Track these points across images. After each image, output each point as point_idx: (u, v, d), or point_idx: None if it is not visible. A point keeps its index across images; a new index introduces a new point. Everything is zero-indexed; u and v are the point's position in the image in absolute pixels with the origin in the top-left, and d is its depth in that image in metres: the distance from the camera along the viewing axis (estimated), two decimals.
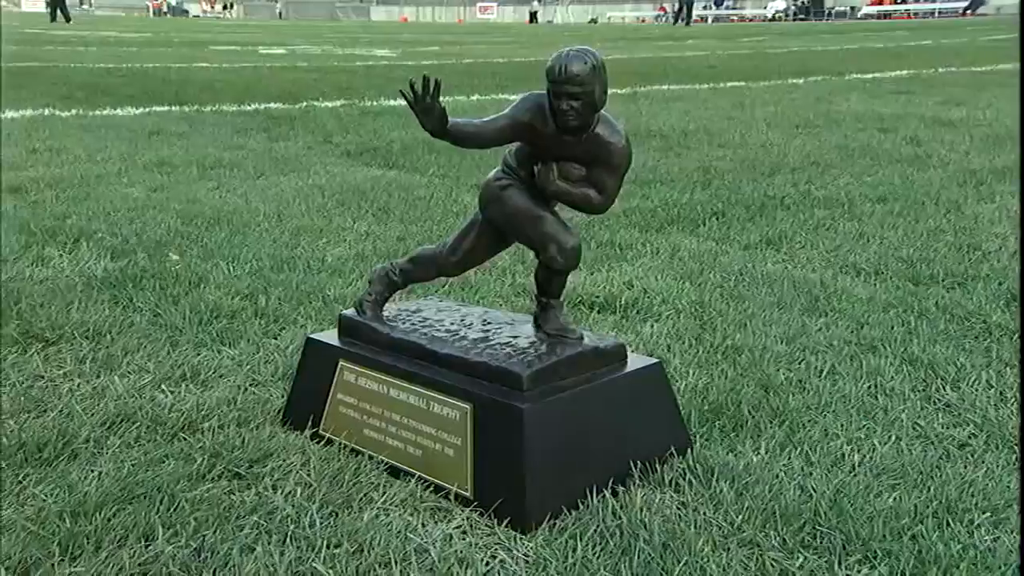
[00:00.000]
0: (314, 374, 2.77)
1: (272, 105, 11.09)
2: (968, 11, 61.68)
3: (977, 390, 2.82)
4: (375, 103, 11.27)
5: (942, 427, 2.60)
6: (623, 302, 3.70)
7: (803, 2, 69.92)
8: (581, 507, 2.27)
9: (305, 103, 11.31)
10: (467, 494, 2.36)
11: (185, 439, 2.65)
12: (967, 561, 1.98)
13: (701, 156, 7.15)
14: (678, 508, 2.24)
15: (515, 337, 2.53)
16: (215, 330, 3.47)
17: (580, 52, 2.27)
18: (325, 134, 8.63)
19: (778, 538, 2.10)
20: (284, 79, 15.15)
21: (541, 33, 43.00)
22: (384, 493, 2.37)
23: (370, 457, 2.52)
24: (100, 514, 2.22)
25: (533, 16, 74.22)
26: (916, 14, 63.58)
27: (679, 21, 53.97)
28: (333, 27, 55.21)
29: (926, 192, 5.78)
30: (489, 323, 2.64)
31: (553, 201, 2.47)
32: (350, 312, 2.78)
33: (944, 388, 2.85)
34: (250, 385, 3.02)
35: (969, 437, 2.54)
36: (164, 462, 2.52)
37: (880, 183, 6.06)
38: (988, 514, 2.16)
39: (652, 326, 3.43)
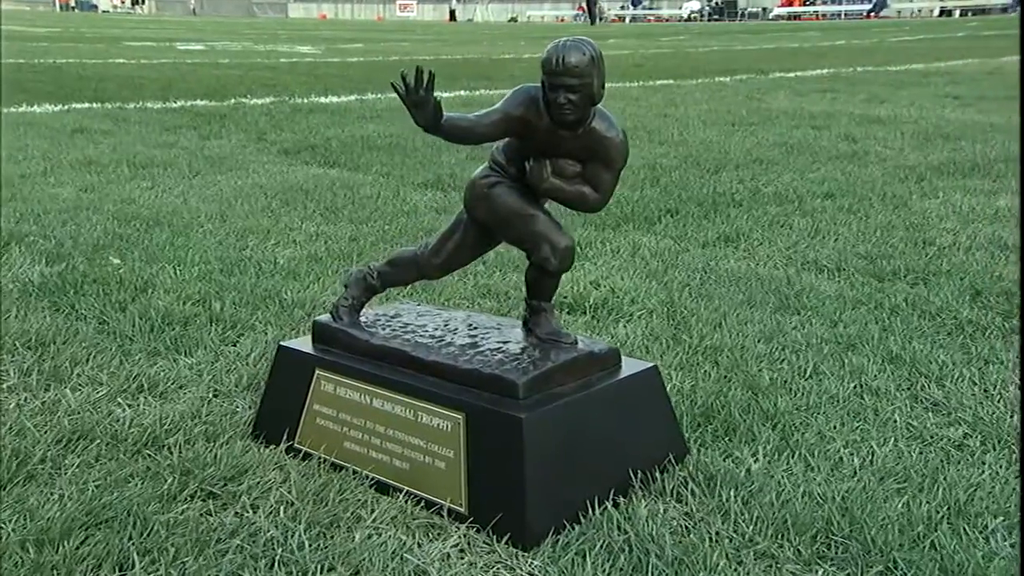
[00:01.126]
0: (287, 384, 2.60)
1: (199, 102, 10.77)
2: (872, 13, 63.25)
3: (962, 388, 2.78)
4: (305, 100, 11.01)
5: (935, 427, 2.55)
6: (592, 303, 3.59)
7: (717, 3, 70.93)
8: (583, 521, 2.15)
9: (233, 100, 11.01)
10: (461, 509, 2.22)
11: (150, 456, 2.47)
12: (993, 571, 1.91)
13: (645, 154, 7.10)
14: (684, 519, 2.14)
15: (505, 342, 2.40)
16: (168, 338, 3.27)
17: (577, 42, 2.15)
18: (258, 132, 8.38)
19: (792, 549, 2.01)
20: (207, 75, 14.76)
21: (463, 31, 42.83)
22: (373, 511, 2.22)
23: (354, 472, 2.37)
24: (67, 542, 2.04)
25: (453, 14, 73.97)
26: (824, 15, 64.98)
27: (595, 20, 54.31)
28: (250, 23, 54.25)
29: (871, 188, 5.80)
30: (475, 328, 2.51)
31: (544, 199, 2.35)
32: (325, 318, 2.62)
33: (929, 386, 2.81)
34: (213, 396, 2.85)
35: (964, 437, 2.49)
36: (130, 482, 2.34)
37: (824, 179, 6.07)
38: (1001, 518, 2.10)
39: (625, 327, 3.33)
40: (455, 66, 17.29)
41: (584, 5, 58.91)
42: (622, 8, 73.70)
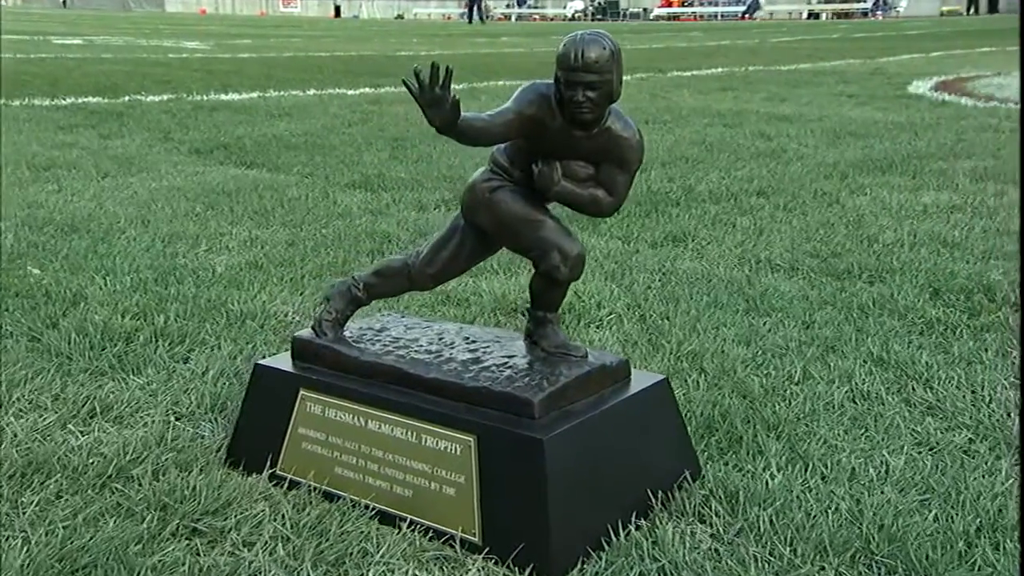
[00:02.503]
0: (266, 406, 2.39)
1: (90, 99, 10.26)
2: (746, 15, 64.89)
3: (951, 390, 2.74)
4: (205, 97, 10.59)
5: (938, 432, 2.49)
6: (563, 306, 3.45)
7: (600, 3, 71.70)
8: (607, 548, 2.01)
9: (127, 97, 10.52)
10: (475, 539, 2.05)
11: (119, 490, 2.23)
12: None
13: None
14: (712, 542, 2.02)
15: (511, 356, 2.24)
16: (112, 355, 3.01)
17: (596, 36, 2.01)
18: (162, 131, 7.99)
19: (834, 571, 1.90)
20: (94, 71, 14.09)
21: (351, 28, 42.18)
22: (380, 544, 2.04)
23: (353, 504, 2.17)
24: None
25: (338, 10, 72.87)
26: (702, 16, 66.33)
27: (482, 19, 54.22)
28: (126, 17, 52.33)
29: (800, 185, 5.81)
30: (473, 341, 2.34)
31: (549, 204, 2.21)
32: (306, 333, 2.42)
33: (918, 389, 2.75)
34: (175, 420, 2.61)
35: (969, 442, 2.43)
36: (101, 520, 2.10)
37: (752, 177, 6.06)
38: None
39: (598, 333, 3.21)
40: (353, 63, 16.95)
41: (469, 3, 58.84)
42: (507, 7, 73.82)
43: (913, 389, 2.76)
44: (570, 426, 2.04)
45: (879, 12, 60.89)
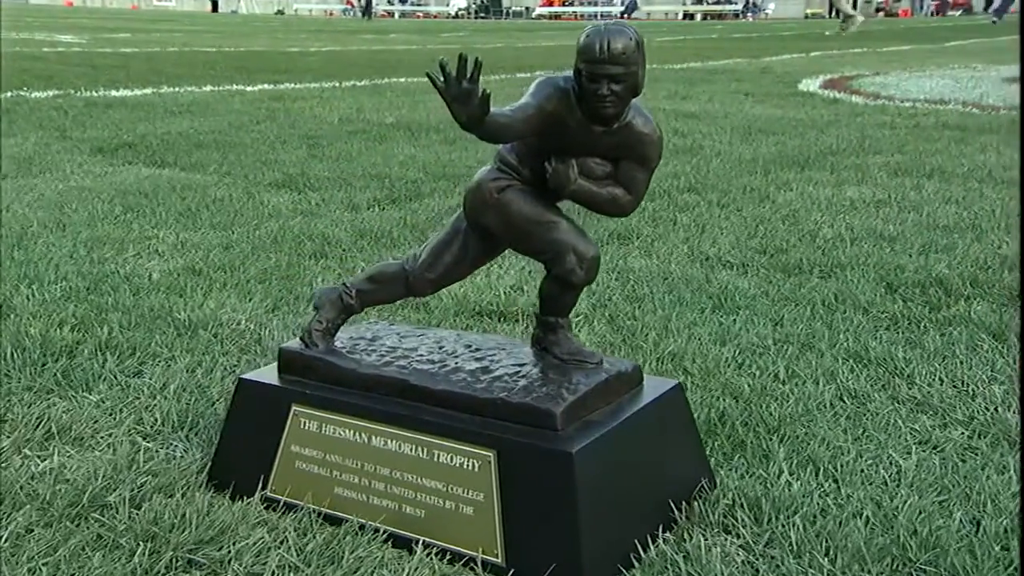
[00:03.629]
0: (252, 423, 2.22)
1: None
2: (624, 15, 65.94)
3: (934, 386, 2.73)
4: (95, 94, 10.11)
5: (935, 430, 2.46)
6: (520, 308, 3.35)
7: (483, 1, 71.73)
8: (637, 564, 1.92)
9: (9, 93, 9.94)
10: (497, 561, 1.93)
11: (98, 520, 2.03)
12: None
13: (488, 150, 6.88)
14: (744, 554, 1.94)
15: (521, 365, 2.12)
16: (57, 371, 2.77)
17: (620, 26, 1.90)
18: (57, 128, 7.57)
19: None
20: None
21: (233, 23, 41.09)
22: (398, 570, 1.90)
23: (361, 527, 2.02)
24: None
25: (215, 5, 71.01)
26: (582, 16, 67.02)
27: (369, 16, 53.63)
28: None
29: (727, 181, 5.83)
30: (477, 349, 2.21)
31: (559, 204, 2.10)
32: (294, 345, 2.25)
33: (903, 386, 2.73)
34: (142, 440, 2.40)
35: (969, 439, 2.41)
36: (83, 555, 1.90)
37: (678, 173, 6.05)
38: None
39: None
40: (245, 59, 16.45)
41: (354, 0, 58.11)
42: (389, 4, 73.17)
43: (897, 386, 2.74)
44: (597, 437, 1.93)
45: (749, 14, 62.61)
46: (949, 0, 53.59)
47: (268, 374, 2.26)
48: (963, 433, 2.45)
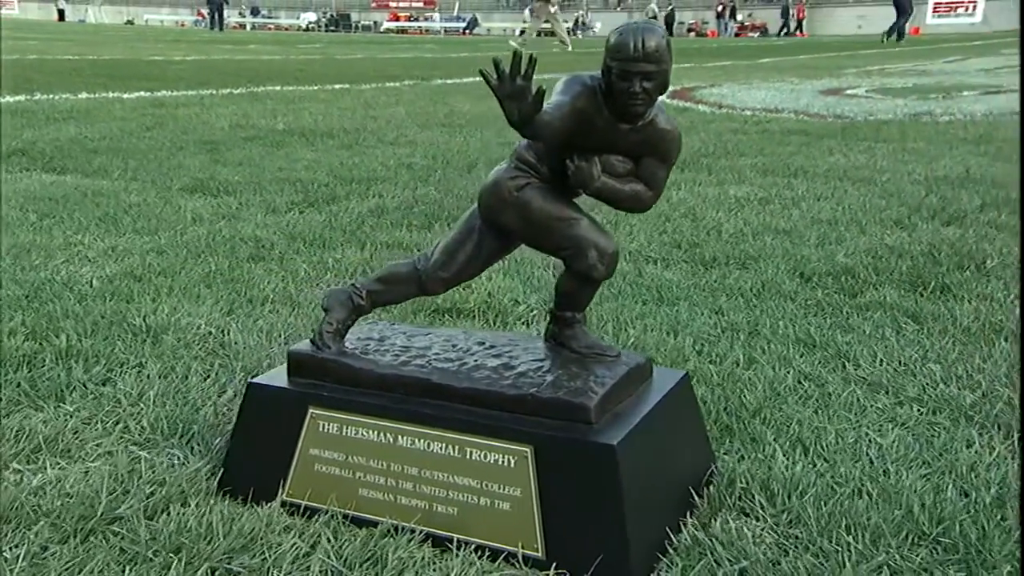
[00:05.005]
0: (265, 428, 2.05)
1: None
2: (466, 31, 66.15)
3: (877, 366, 2.77)
4: None
5: (895, 408, 2.47)
6: (475, 305, 3.25)
7: (332, 15, 70.60)
8: (673, 552, 1.85)
9: None
10: (538, 555, 1.83)
11: (118, 533, 1.82)
12: None
13: (387, 154, 6.72)
14: (770, 535, 1.90)
15: (541, 360, 2.03)
16: (21, 382, 2.50)
17: (650, 25, 1.83)
18: None
19: (899, 555, 1.80)
20: None
21: (84, 32, 38.96)
22: (442, 569, 1.78)
23: (395, 528, 1.89)
24: None
25: (61, 14, 67.22)
26: (428, 31, 66.85)
27: (221, 27, 51.88)
28: None
29: None
30: (492, 346, 2.11)
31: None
32: (304, 347, 2.09)
33: (849, 367, 2.76)
34: (137, 449, 2.19)
35: (927, 416, 2.43)
36: (110, 571, 1.71)
37: None
38: None
39: (531, 330, 3.04)
40: (111, 67, 15.59)
41: (205, 12, 56.06)
42: (240, 16, 71.03)
43: (845, 367, 2.79)
44: (632, 429, 1.86)
45: (579, 32, 63.96)
46: (747, 24, 56.96)
47: (278, 377, 2.09)
48: (920, 410, 2.49)
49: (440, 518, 1.90)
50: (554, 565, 1.81)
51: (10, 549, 1.77)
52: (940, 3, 53.70)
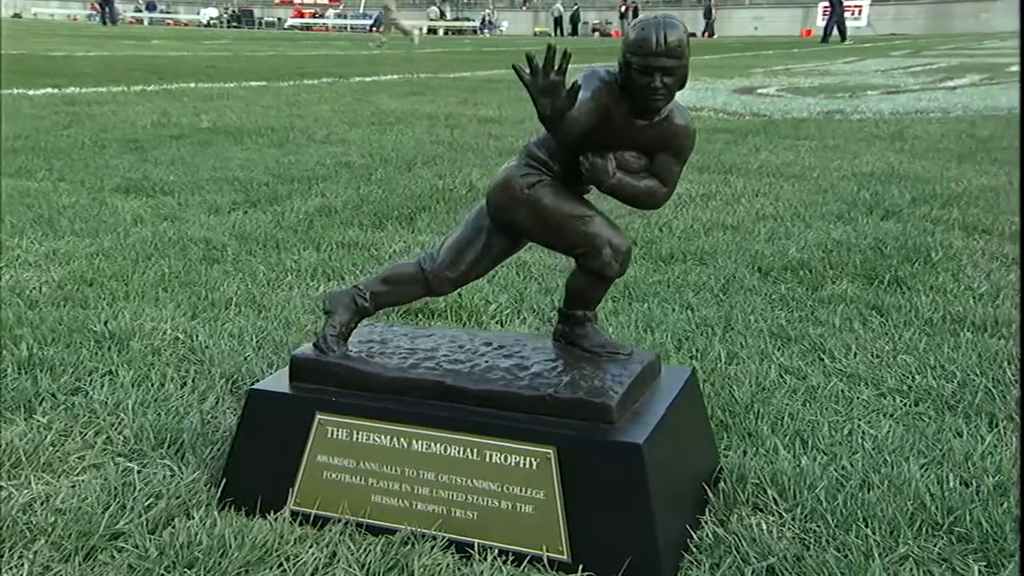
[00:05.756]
0: (268, 435, 1.97)
1: None
2: (373, 28, 65.56)
3: (852, 358, 2.82)
4: None
5: (879, 399, 2.51)
6: (445, 305, 3.20)
7: (234, 11, 69.13)
8: (695, 550, 1.84)
9: None
10: (564, 558, 1.79)
11: (123, 550, 1.73)
12: None
13: (321, 153, 6.59)
14: (788, 530, 1.91)
15: (554, 360, 1.99)
16: None
17: (670, 18, 1.80)
18: None
19: (919, 546, 1.82)
20: None
21: None
22: (468, 575, 1.74)
23: (414, 535, 1.83)
24: None
25: None
26: (333, 27, 66.02)
27: (114, 22, 50.34)
28: None
29: None
30: (501, 346, 2.07)
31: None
32: (306, 351, 2.02)
33: (826, 360, 2.81)
34: (124, 460, 2.09)
35: (911, 407, 2.47)
36: None
37: None
38: None
39: (510, 329, 3.00)
40: (9, 63, 14.94)
41: (98, 5, 54.22)
42: (136, 10, 69.00)
43: (822, 360, 2.83)
44: (655, 427, 1.84)
45: (486, 30, 64.00)
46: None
47: (279, 383, 2.01)
48: (903, 401, 2.54)
49: (459, 523, 1.86)
50: (581, 567, 1.78)
51: (10, 570, 1.66)
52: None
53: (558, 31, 60.14)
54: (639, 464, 1.77)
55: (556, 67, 1.65)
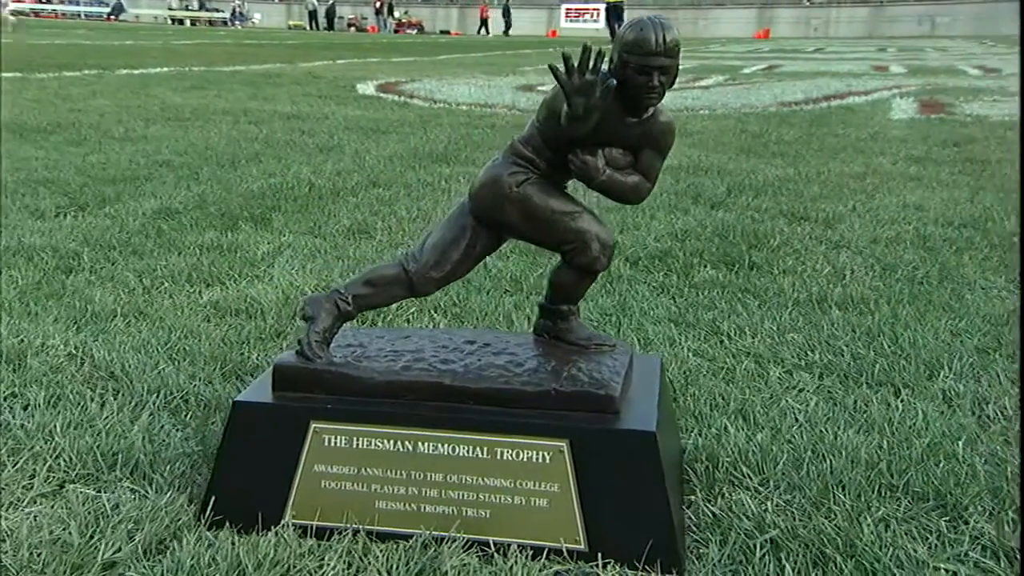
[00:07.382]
0: (258, 449, 1.87)
1: None
2: (111, 16, 61.78)
3: (749, 339, 2.94)
4: None
5: (789, 376, 2.69)
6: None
7: None
8: (698, 530, 1.93)
9: None
10: (581, 547, 1.83)
11: None
12: None
13: (129, 151, 6.18)
14: (769, 502, 2.02)
15: (546, 355, 2.00)
16: None
17: (663, 18, 1.86)
18: None
19: (893, 510, 1.99)
20: None
21: None
22: (496, 573, 1.74)
23: (441, 539, 1.79)
24: None
25: None
26: (64, 15, 61.51)
27: None
28: None
29: (399, 175, 5.81)
30: (487, 344, 2.05)
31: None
32: (288, 358, 1.93)
33: (726, 341, 2.95)
34: (78, 486, 1.91)
35: (819, 381, 2.65)
36: None
37: (350, 170, 5.90)
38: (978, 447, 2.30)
39: (452, 324, 2.97)
40: None
41: None
42: None
43: (724, 342, 3.00)
44: (658, 415, 1.90)
45: (237, 22, 61.79)
46: (404, 21, 59.15)
47: (261, 393, 1.91)
48: (811, 376, 2.73)
49: (472, 522, 1.84)
50: (599, 555, 1.82)
51: None
52: (571, 9, 58.93)
53: (313, 25, 58.99)
54: (653, 450, 1.83)
55: (590, 67, 1.67)
